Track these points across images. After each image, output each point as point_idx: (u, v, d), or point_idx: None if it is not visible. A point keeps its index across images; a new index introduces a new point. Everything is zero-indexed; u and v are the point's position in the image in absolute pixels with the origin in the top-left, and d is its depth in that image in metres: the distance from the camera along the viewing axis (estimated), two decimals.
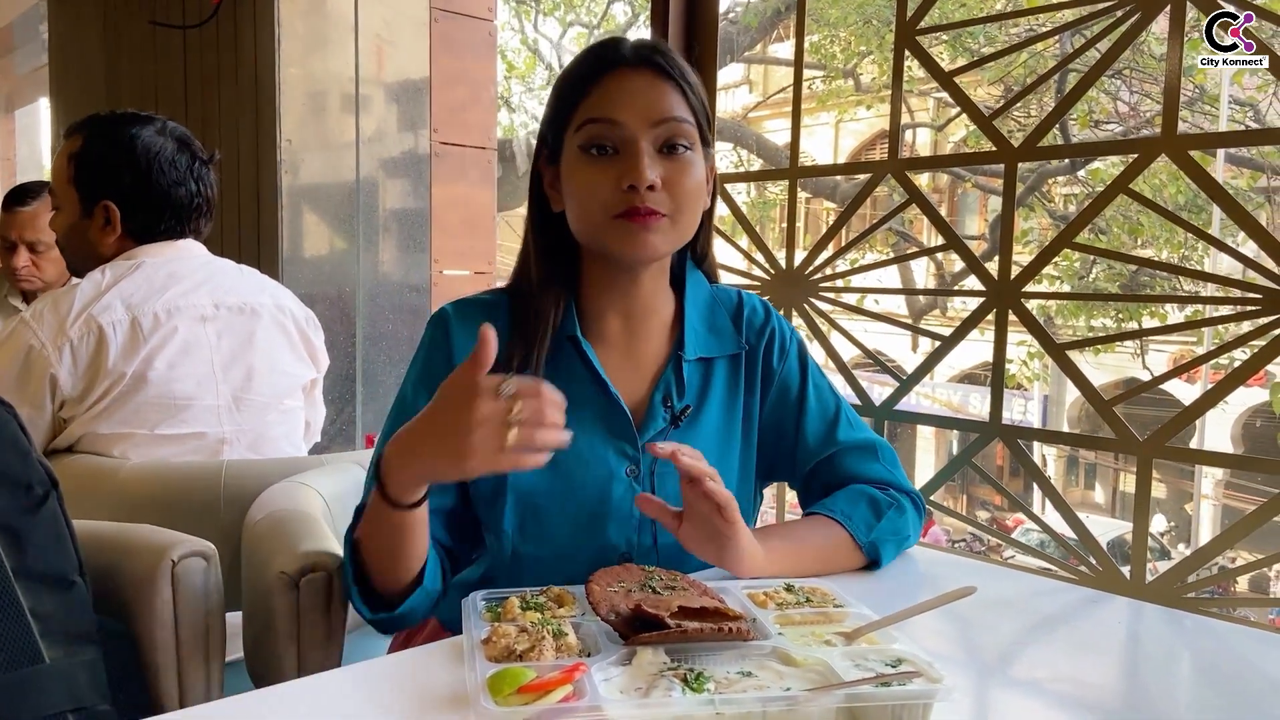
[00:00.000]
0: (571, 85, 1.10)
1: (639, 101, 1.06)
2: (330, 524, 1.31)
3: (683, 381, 1.17)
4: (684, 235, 1.11)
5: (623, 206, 1.05)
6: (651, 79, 1.07)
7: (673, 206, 1.06)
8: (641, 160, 1.04)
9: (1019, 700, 0.87)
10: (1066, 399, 13.63)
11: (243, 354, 1.75)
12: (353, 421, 2.99)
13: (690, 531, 1.02)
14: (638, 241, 1.06)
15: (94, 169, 1.73)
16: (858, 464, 1.22)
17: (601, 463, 1.11)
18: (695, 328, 1.19)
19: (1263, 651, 0.98)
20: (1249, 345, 1.38)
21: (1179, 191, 8.28)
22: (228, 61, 3.00)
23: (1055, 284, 8.82)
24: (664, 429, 1.14)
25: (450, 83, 3.10)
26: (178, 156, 1.76)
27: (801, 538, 1.13)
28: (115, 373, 1.61)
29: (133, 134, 1.74)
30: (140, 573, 1.10)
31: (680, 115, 1.07)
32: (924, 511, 1.25)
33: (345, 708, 0.81)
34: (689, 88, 1.09)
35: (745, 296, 1.27)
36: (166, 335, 1.66)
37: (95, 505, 1.53)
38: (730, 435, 1.20)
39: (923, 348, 11.71)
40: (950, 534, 12.04)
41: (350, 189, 2.95)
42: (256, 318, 1.78)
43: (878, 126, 14.45)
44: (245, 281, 1.82)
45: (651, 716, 0.71)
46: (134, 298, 1.66)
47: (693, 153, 1.09)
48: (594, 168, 1.06)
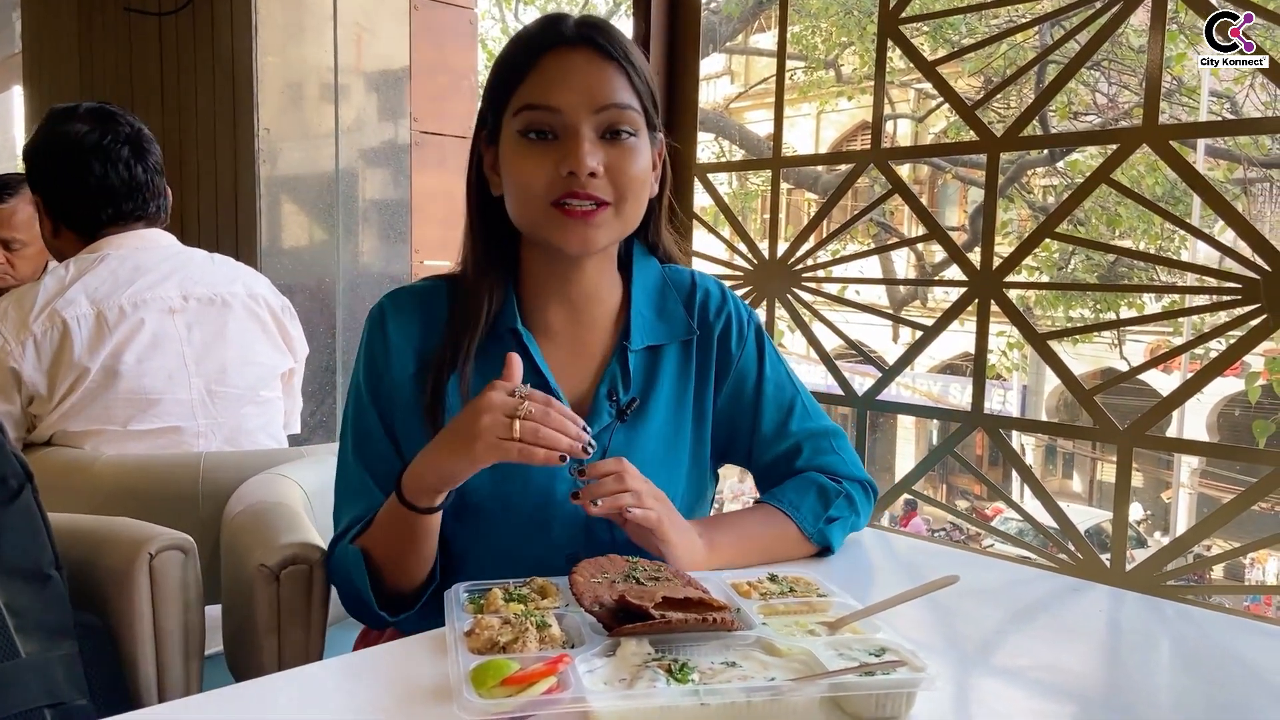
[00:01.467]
0: (510, 66, 1.05)
1: (579, 85, 1.02)
2: (311, 516, 1.30)
3: (629, 373, 1.14)
4: (628, 224, 1.08)
5: (561, 191, 1.01)
6: (592, 59, 1.03)
7: (615, 194, 1.03)
8: (582, 146, 1.00)
9: (1001, 688, 0.88)
10: (1045, 389, 13.74)
11: (215, 346, 1.73)
12: (333, 413, 2.97)
13: (634, 531, 1.02)
14: (579, 236, 1.03)
15: (26, 162, 1.77)
16: (812, 453, 1.21)
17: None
18: (643, 314, 1.16)
19: (1241, 638, 0.99)
20: (1226, 335, 1.39)
21: (1157, 183, 8.34)
22: (204, 49, 2.96)
23: (1035, 275, 8.87)
24: (609, 424, 1.10)
25: (430, 71, 3.07)
26: (87, 138, 1.69)
27: (747, 530, 1.12)
28: (80, 367, 1.59)
29: (50, 127, 1.72)
30: (117, 566, 1.09)
31: (623, 101, 1.03)
32: (874, 498, 1.24)
33: (327, 701, 0.80)
34: (633, 70, 1.04)
35: (699, 279, 1.23)
36: (134, 328, 1.64)
37: (70, 499, 1.51)
38: (680, 424, 1.17)
39: (903, 339, 11.76)
40: (931, 523, 12.12)
41: (330, 179, 2.93)
42: (228, 308, 1.76)
43: (859, 118, 14.47)
44: (217, 271, 1.79)
45: (636, 707, 0.71)
46: (98, 291, 1.63)
47: (637, 139, 1.05)
48: (532, 154, 1.02)
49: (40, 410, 1.62)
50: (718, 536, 1.08)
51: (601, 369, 1.15)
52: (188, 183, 3.09)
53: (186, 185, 3.10)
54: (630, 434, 1.12)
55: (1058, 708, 0.83)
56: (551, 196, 1.02)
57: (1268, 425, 3.53)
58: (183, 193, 2.90)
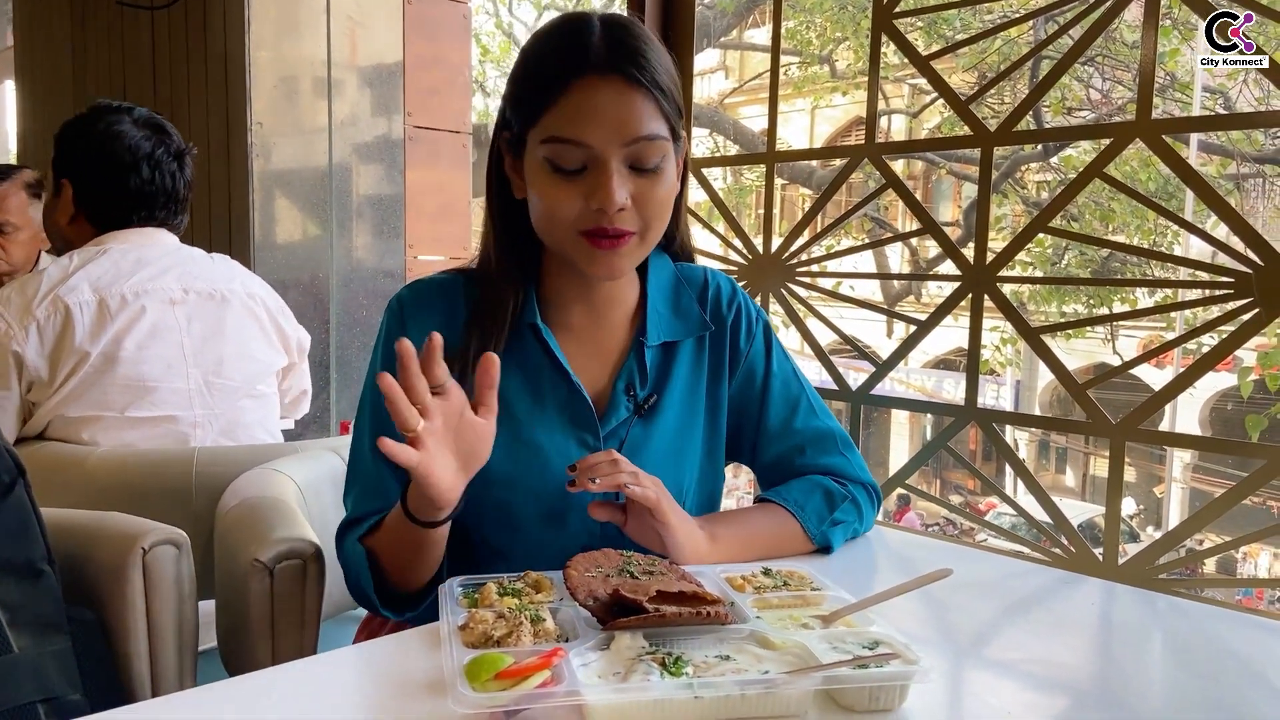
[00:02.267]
0: (537, 86, 1.02)
1: (609, 118, 0.99)
2: (305, 511, 1.30)
3: (645, 368, 1.15)
4: (651, 246, 1.08)
5: (590, 225, 1.00)
6: (622, 91, 0.99)
7: (642, 224, 1.03)
8: (611, 181, 0.98)
9: (995, 680, 0.88)
10: (1038, 384, 13.77)
11: (213, 339, 1.74)
12: (327, 409, 2.96)
13: (635, 525, 1.03)
14: (605, 265, 1.03)
15: (61, 148, 1.78)
16: (817, 453, 1.21)
17: (563, 454, 1.09)
18: (659, 311, 1.17)
19: (1233, 631, 0.99)
20: (1218, 330, 1.40)
21: (1150, 179, 8.37)
22: (197, 43, 2.95)
23: (1028, 270, 8.90)
24: (627, 418, 1.12)
25: (424, 66, 3.07)
26: (142, 143, 1.75)
27: (750, 526, 1.13)
28: (80, 352, 1.61)
29: (99, 120, 1.76)
30: (111, 561, 1.09)
31: (652, 132, 1.00)
32: (879, 502, 1.25)
33: (321, 696, 0.80)
34: (661, 94, 1.01)
35: (711, 275, 1.24)
36: (134, 316, 1.66)
37: (63, 493, 1.51)
38: (693, 418, 1.18)
39: (897, 334, 11.77)
40: (924, 518, 12.15)
41: (323, 173, 2.92)
42: (227, 304, 1.78)
43: (853, 113, 14.47)
44: (215, 269, 1.82)
45: (630, 701, 0.71)
46: (101, 280, 1.66)
47: (664, 164, 1.03)
48: (560, 184, 1.01)
49: (39, 397, 1.63)
50: (720, 530, 1.08)
51: (619, 365, 1.15)
52: None
53: None
54: (646, 428, 1.13)
55: (1051, 700, 0.83)
56: (580, 227, 1.01)
57: (1260, 420, 3.53)
58: None
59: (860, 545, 1.22)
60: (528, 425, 1.09)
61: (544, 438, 1.09)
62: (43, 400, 1.63)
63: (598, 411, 1.12)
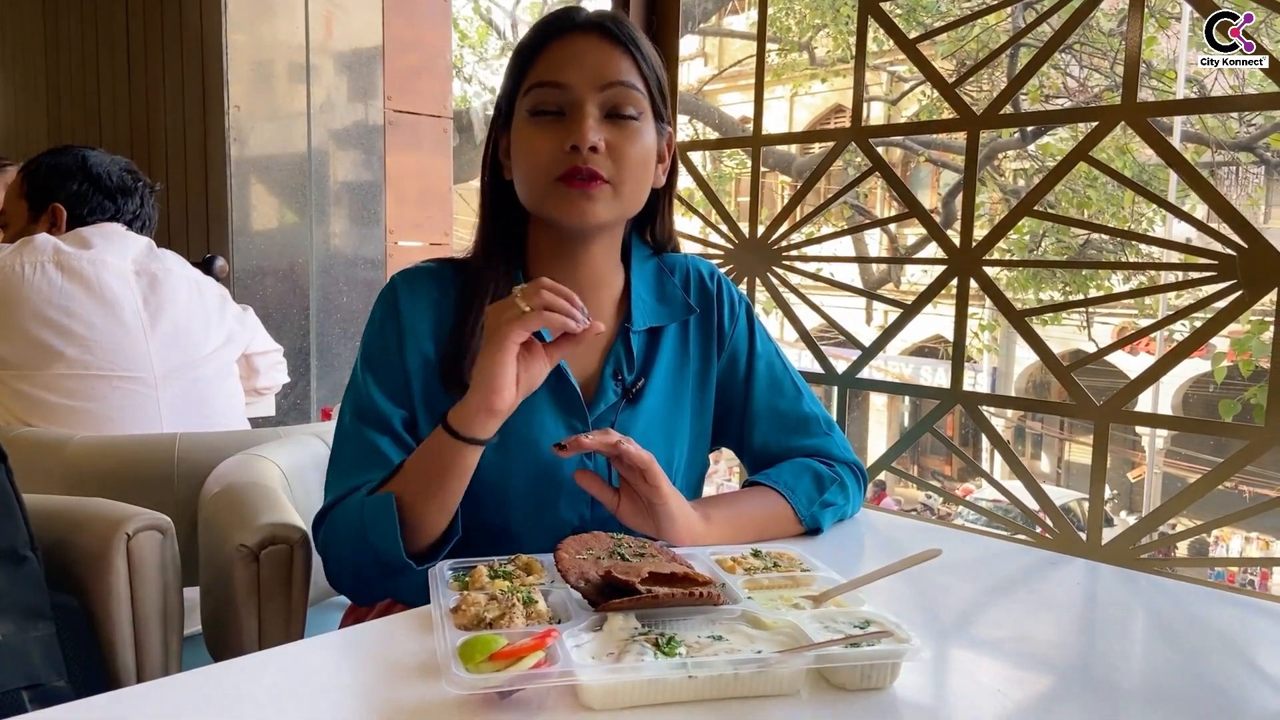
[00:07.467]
0: (522, 54, 1.09)
1: (586, 63, 1.05)
2: (289, 496, 1.29)
3: (632, 354, 1.16)
4: (628, 206, 1.10)
5: (564, 167, 1.04)
6: (600, 42, 1.06)
7: (615, 173, 1.05)
8: (585, 121, 1.03)
9: (982, 659, 0.89)
10: (1015, 371, 13.89)
11: (168, 309, 1.84)
12: (307, 395, 2.94)
13: (627, 507, 1.03)
14: (577, 208, 1.05)
15: (45, 178, 1.91)
16: (803, 436, 1.23)
17: (552, 439, 1.08)
18: (643, 298, 1.18)
19: (1213, 608, 1.01)
20: (1196, 315, 1.41)
21: (1125, 166, 8.44)
22: (171, 27, 2.91)
23: (1007, 257, 8.96)
24: (615, 403, 1.13)
25: (403, 50, 3.04)
26: (122, 173, 1.95)
27: (743, 508, 1.13)
28: (33, 310, 1.70)
29: (80, 152, 1.95)
30: (94, 547, 1.07)
31: (628, 80, 1.06)
32: (865, 483, 1.26)
33: (310, 679, 0.79)
34: (641, 56, 1.07)
35: (692, 261, 1.26)
36: (89, 281, 1.76)
37: (44, 479, 1.49)
38: (681, 402, 1.19)
39: (875, 321, 11.83)
40: (901, 504, 12.24)
41: (301, 159, 2.89)
42: (176, 288, 1.88)
43: (832, 101, 14.49)
44: (166, 256, 1.94)
45: (624, 681, 0.71)
46: (59, 250, 1.77)
47: (640, 121, 1.07)
48: (539, 130, 1.05)
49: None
50: (713, 512, 1.09)
51: (606, 351, 1.16)
52: (156, 163, 3.04)
53: (155, 165, 3.05)
54: (634, 413, 1.14)
55: (1037, 676, 0.84)
56: (555, 172, 1.04)
57: (1234, 405, 3.58)
58: (151, 173, 2.86)
59: (848, 527, 1.23)
60: (516, 411, 1.09)
61: (533, 423, 1.09)
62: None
63: (585, 397, 1.13)
